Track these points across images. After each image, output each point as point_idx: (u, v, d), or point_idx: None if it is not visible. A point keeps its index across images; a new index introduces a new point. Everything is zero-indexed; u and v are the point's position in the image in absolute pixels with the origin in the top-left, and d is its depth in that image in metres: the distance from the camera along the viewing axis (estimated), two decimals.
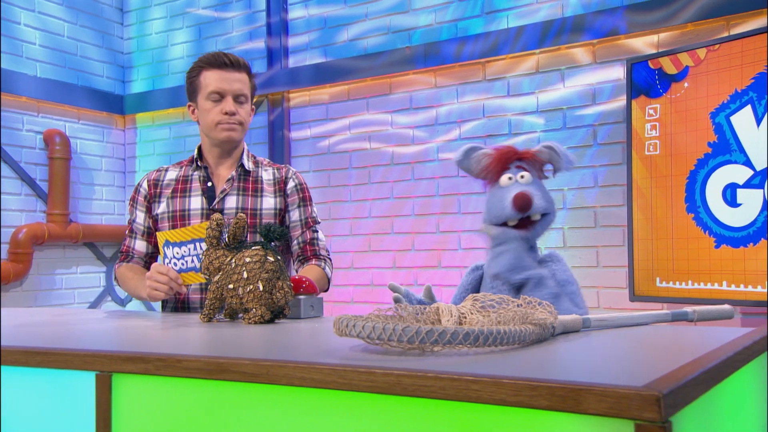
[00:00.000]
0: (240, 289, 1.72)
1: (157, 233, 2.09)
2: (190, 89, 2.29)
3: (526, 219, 2.21)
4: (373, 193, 4.06)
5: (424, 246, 3.90)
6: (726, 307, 1.64)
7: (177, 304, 2.28)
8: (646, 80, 2.89)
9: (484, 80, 3.79)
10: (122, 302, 5.01)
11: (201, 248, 1.99)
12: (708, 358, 0.97)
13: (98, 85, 4.97)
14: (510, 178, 2.20)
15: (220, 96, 2.21)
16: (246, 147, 2.36)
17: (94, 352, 1.24)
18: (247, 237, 2.23)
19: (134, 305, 5.02)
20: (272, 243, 1.81)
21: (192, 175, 2.31)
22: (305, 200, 2.32)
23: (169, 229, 2.24)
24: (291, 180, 2.32)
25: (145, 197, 2.32)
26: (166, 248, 2.04)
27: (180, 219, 2.26)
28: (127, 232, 2.37)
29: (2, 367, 1.31)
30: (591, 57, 3.52)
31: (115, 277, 2.37)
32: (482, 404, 0.88)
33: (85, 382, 1.22)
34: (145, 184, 2.34)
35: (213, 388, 1.12)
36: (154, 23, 5.03)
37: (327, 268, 2.29)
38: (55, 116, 4.68)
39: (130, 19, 5.14)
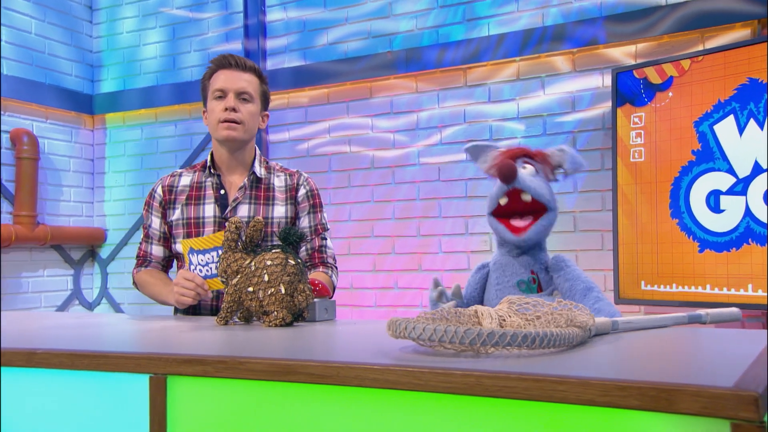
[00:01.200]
0: (260, 292, 1.71)
1: (181, 241, 2.07)
2: (203, 94, 2.29)
3: (518, 211, 2.26)
4: (353, 196, 4.05)
5: (404, 249, 3.92)
6: (735, 310, 1.70)
7: (189, 310, 2.26)
8: (631, 89, 2.97)
9: (465, 86, 3.83)
10: (90, 306, 4.89)
11: None
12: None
13: (67, 84, 4.83)
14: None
15: (223, 94, 2.19)
16: (258, 152, 2.34)
17: (148, 354, 1.21)
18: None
19: (102, 308, 4.90)
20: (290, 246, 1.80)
21: (205, 181, 2.29)
22: (315, 207, 2.32)
23: (184, 236, 2.24)
24: (302, 187, 2.31)
25: (161, 203, 2.30)
26: (191, 255, 2.02)
27: (194, 227, 2.24)
28: (143, 237, 2.35)
29: (49, 370, 1.28)
30: (571, 65, 3.59)
31: (134, 282, 2.34)
32: (567, 404, 0.89)
33: (138, 385, 1.20)
34: (159, 190, 2.31)
35: (277, 389, 1.11)
36: (125, 22, 4.93)
37: (334, 275, 2.29)
38: (23, 115, 4.54)
39: (100, 18, 5.02)
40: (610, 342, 1.30)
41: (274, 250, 1.76)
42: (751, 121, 2.62)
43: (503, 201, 2.33)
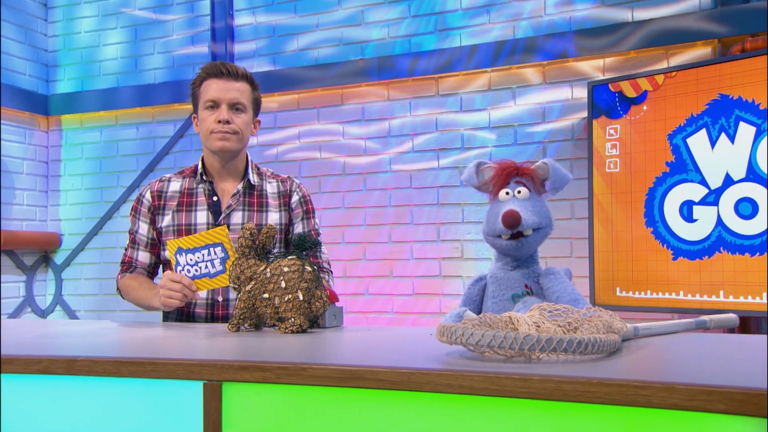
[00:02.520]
0: (277, 298, 1.69)
1: (167, 241, 2.01)
2: (193, 101, 2.25)
3: (518, 233, 2.29)
4: (323, 202, 4.03)
5: (375, 256, 3.92)
6: (732, 316, 1.77)
7: (181, 316, 2.20)
8: (606, 102, 3.06)
9: (437, 95, 3.87)
10: (43, 313, 4.70)
11: (215, 253, 1.95)
12: None
13: (20, 83, 4.65)
14: (507, 193, 2.28)
15: (215, 104, 2.16)
16: (250, 159, 2.31)
17: (201, 361, 1.19)
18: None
19: (56, 316, 4.73)
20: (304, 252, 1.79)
21: (196, 188, 2.25)
22: (308, 213, 2.31)
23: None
24: (295, 193, 2.30)
25: (149, 208, 2.24)
26: (178, 255, 1.97)
27: (186, 233, 2.20)
28: (128, 242, 2.29)
29: (91, 378, 1.24)
30: (541, 77, 3.67)
31: (118, 288, 2.27)
32: (650, 408, 0.92)
33: (190, 391, 1.17)
34: (148, 195, 2.26)
35: (341, 395, 1.11)
36: (83, 21, 4.78)
37: (330, 281, 2.27)
38: None
39: (56, 16, 4.85)
40: (640, 347, 1.34)
41: (289, 257, 1.74)
42: (722, 135, 2.74)
43: (506, 237, 2.36)
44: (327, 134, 4.08)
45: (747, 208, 2.67)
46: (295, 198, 2.29)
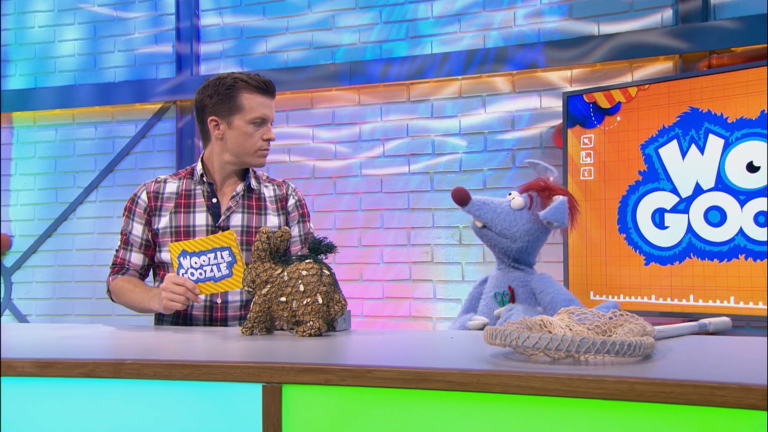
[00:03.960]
0: (294, 302, 1.68)
1: (170, 243, 1.97)
2: (224, 106, 2.14)
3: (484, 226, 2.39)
4: None
5: (345, 259, 3.91)
6: (727, 319, 1.86)
7: (177, 319, 2.16)
8: (581, 112, 3.15)
9: (408, 101, 3.90)
10: None
11: (222, 257, 1.93)
12: None
13: None
14: (510, 194, 2.36)
15: (263, 122, 2.16)
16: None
17: (260, 363, 1.17)
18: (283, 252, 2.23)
19: (5, 320, 4.52)
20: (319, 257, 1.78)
21: (195, 189, 2.21)
22: (304, 216, 2.32)
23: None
24: (291, 197, 2.30)
25: (145, 209, 2.19)
26: (182, 258, 1.93)
27: (184, 235, 2.16)
28: (120, 243, 2.23)
29: (140, 381, 1.20)
30: (510, 86, 3.75)
31: (108, 290, 2.20)
32: (725, 408, 0.96)
33: (248, 394, 1.15)
34: (144, 196, 2.20)
35: (406, 397, 1.11)
36: (38, 16, 4.59)
37: None
38: None
39: (7, 9, 4.65)
40: (662, 349, 1.39)
41: (306, 261, 1.74)
42: (693, 146, 2.86)
43: (479, 223, 2.43)
44: (296, 137, 4.05)
45: (716, 216, 2.80)
46: (291, 201, 2.30)
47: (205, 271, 1.93)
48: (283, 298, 1.70)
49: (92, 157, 4.41)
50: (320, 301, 1.68)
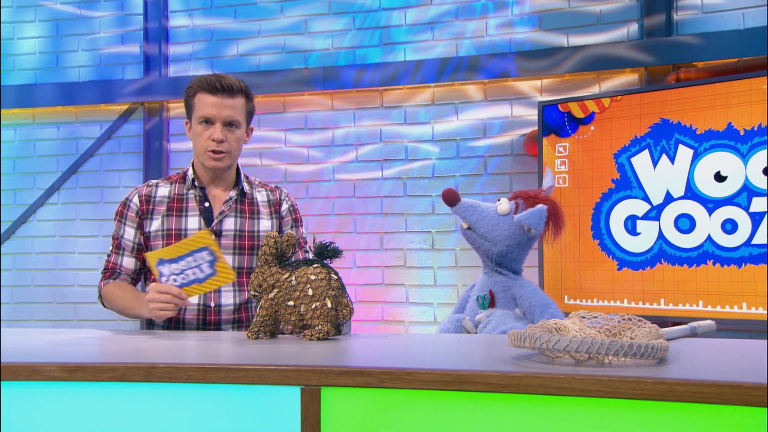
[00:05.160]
0: (303, 306, 1.69)
1: (146, 253, 1.96)
2: (187, 108, 2.20)
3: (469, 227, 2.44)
4: None
5: None
6: (713, 322, 1.95)
7: (170, 322, 2.13)
8: (556, 121, 3.23)
9: (381, 107, 3.92)
10: None
11: (202, 258, 1.90)
12: None
13: None
14: (498, 200, 2.41)
15: (210, 121, 2.13)
16: (240, 168, 2.28)
17: (297, 366, 1.17)
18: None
19: None
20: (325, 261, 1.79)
21: (187, 194, 2.20)
22: (297, 221, 2.32)
23: (162, 247, 2.11)
24: (285, 202, 2.31)
25: (137, 213, 2.17)
26: (161, 267, 1.91)
27: (176, 238, 2.14)
28: (111, 248, 2.20)
29: (172, 385, 1.19)
30: (482, 95, 3.81)
31: (100, 296, 2.16)
32: (760, 408, 1.01)
33: (286, 397, 1.16)
34: (136, 199, 2.18)
35: (445, 399, 1.13)
36: None
37: None
38: None
39: None
40: (676, 351, 1.45)
41: (314, 265, 1.75)
42: (663, 156, 2.97)
43: (465, 225, 2.48)
44: (268, 141, 4.03)
45: (685, 223, 2.91)
46: (285, 206, 2.30)
47: (187, 275, 1.91)
48: (291, 302, 1.70)
49: (54, 158, 4.29)
50: (329, 305, 1.69)
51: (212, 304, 2.13)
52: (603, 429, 1.08)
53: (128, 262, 2.18)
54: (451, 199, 2.41)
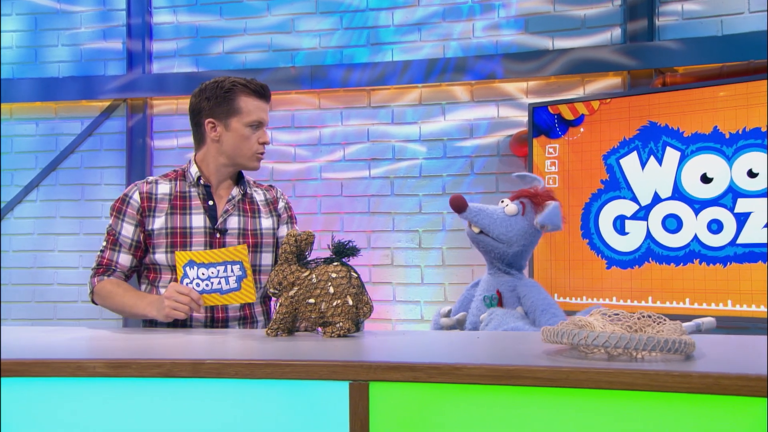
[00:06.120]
0: (324, 303, 1.69)
1: (177, 252, 1.94)
2: (222, 108, 2.13)
3: (482, 232, 2.46)
4: None
5: None
6: (713, 319, 2.01)
7: (178, 321, 2.11)
8: (546, 123, 3.29)
9: (368, 107, 3.93)
10: None
11: (232, 271, 1.93)
12: None
13: None
14: (502, 202, 2.44)
15: (259, 125, 2.15)
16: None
17: (346, 361, 1.18)
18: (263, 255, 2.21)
19: None
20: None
21: (190, 191, 2.18)
22: (292, 218, 2.34)
23: (167, 245, 2.11)
24: (281, 200, 2.32)
25: (138, 210, 2.13)
26: (188, 268, 1.90)
27: (181, 236, 2.11)
28: (106, 244, 2.15)
29: (219, 380, 1.19)
30: (469, 96, 3.85)
31: (92, 291, 2.12)
32: None
33: (335, 392, 1.16)
34: (136, 196, 2.14)
35: (492, 393, 1.15)
36: None
37: None
38: None
39: None
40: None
41: (334, 263, 1.76)
42: (651, 158, 3.04)
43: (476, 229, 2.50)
44: None
45: (672, 223, 2.99)
46: (281, 204, 2.32)
47: (212, 283, 1.91)
48: (312, 300, 1.70)
49: (32, 154, 4.19)
50: (350, 302, 1.70)
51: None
52: (649, 421, 1.11)
53: (124, 259, 2.15)
54: (459, 205, 2.42)
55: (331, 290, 1.70)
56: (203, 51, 4.08)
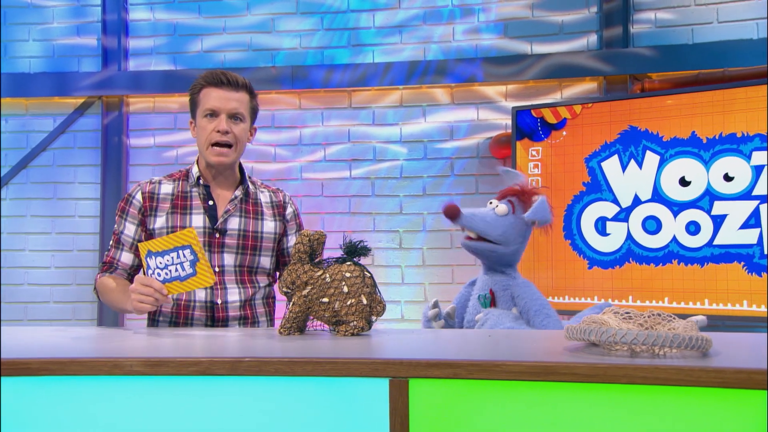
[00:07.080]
0: (337, 302, 1.70)
1: (139, 244, 1.91)
2: (192, 106, 2.18)
3: (479, 237, 2.48)
4: None
5: None
6: (704, 318, 2.08)
7: (179, 319, 2.10)
8: (529, 126, 3.34)
9: (349, 108, 3.93)
10: None
11: (184, 256, 1.86)
12: None
13: None
14: (491, 203, 2.47)
15: (215, 114, 2.11)
16: (244, 167, 2.27)
17: (386, 359, 1.19)
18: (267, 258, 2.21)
19: None
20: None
21: (191, 191, 2.17)
22: (300, 226, 2.33)
23: None
24: (289, 206, 2.30)
25: (140, 210, 2.13)
26: (149, 259, 1.86)
27: None
28: (112, 243, 2.17)
29: (257, 378, 1.19)
30: (449, 98, 3.89)
31: (95, 288, 2.13)
32: None
33: (374, 389, 1.17)
34: (139, 196, 2.14)
35: (530, 389, 1.17)
36: None
37: None
38: None
39: None
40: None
41: (347, 263, 1.77)
42: (632, 161, 3.13)
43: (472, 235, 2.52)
44: None
45: (652, 225, 3.08)
46: (289, 210, 2.29)
47: (170, 271, 1.86)
48: (325, 299, 1.71)
49: (2, 151, 4.08)
50: (364, 301, 1.71)
51: (219, 301, 2.11)
52: (684, 415, 1.15)
53: (126, 258, 2.15)
54: (453, 213, 2.42)
55: (345, 289, 1.71)
56: (181, 49, 4.03)
